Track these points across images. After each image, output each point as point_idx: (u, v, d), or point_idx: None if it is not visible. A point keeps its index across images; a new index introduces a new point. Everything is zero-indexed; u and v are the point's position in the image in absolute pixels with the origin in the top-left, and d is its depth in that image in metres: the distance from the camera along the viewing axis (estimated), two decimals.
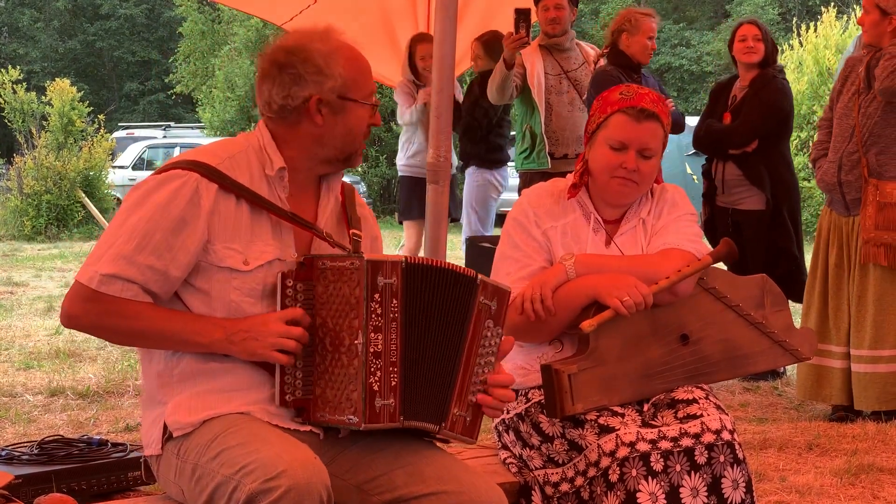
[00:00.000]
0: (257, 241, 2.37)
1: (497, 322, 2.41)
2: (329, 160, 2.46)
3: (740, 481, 2.62)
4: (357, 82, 2.42)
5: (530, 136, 6.15)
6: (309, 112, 2.41)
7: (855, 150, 4.99)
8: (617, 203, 2.90)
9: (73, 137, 16.92)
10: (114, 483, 3.38)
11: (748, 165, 5.79)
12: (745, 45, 5.81)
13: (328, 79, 2.39)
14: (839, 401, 5.10)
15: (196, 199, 2.32)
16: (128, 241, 2.30)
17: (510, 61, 5.91)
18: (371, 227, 2.62)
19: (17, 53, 32.36)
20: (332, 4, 6.41)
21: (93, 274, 2.29)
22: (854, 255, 5.04)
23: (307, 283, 2.34)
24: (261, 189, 2.40)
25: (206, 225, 2.32)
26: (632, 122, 2.81)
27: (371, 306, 2.26)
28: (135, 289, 2.30)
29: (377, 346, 2.26)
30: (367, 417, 2.25)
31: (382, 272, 2.27)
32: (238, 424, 2.28)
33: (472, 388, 2.39)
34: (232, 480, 2.15)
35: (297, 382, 2.34)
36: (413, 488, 2.31)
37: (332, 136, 2.43)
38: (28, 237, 15.74)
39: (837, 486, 4.06)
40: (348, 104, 2.42)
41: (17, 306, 8.92)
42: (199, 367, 2.36)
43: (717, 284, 2.91)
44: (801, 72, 15.50)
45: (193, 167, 2.34)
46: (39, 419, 5.14)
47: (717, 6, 31.11)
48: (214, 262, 2.34)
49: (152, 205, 2.31)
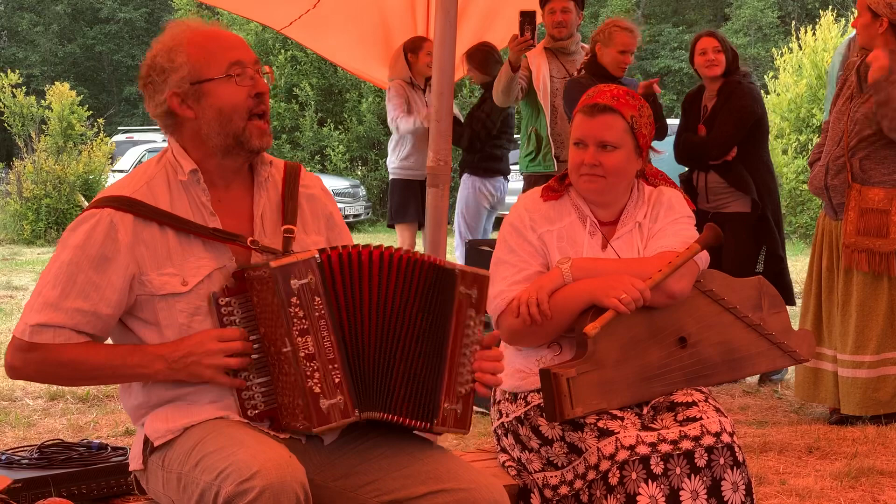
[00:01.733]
0: (190, 258, 2.35)
1: (479, 311, 2.40)
2: (225, 150, 2.40)
3: (740, 484, 2.62)
4: (207, 61, 2.36)
5: (535, 139, 6.15)
6: (176, 110, 2.39)
7: (841, 155, 5.00)
8: (593, 200, 2.91)
9: (73, 141, 16.90)
10: (113, 487, 3.37)
11: (731, 173, 5.77)
12: (706, 59, 5.80)
13: (174, 72, 2.37)
14: (834, 404, 5.12)
15: (112, 234, 2.31)
16: (52, 287, 2.32)
17: (515, 64, 5.91)
18: (323, 205, 2.56)
19: (17, 57, 32.35)
20: (330, 9, 6.41)
21: (24, 326, 2.32)
22: (840, 259, 5.06)
23: (242, 295, 2.33)
24: (181, 202, 2.37)
25: (129, 257, 2.32)
26: (586, 118, 2.85)
27: (290, 311, 2.24)
28: (66, 333, 2.31)
29: (308, 349, 2.24)
30: (315, 421, 2.24)
31: (294, 274, 2.25)
32: (216, 430, 2.29)
33: (461, 380, 2.38)
34: (213, 486, 2.16)
35: (257, 396, 2.34)
36: (411, 489, 2.31)
37: (207, 124, 2.38)
38: (27, 241, 15.73)
39: (837, 489, 4.06)
40: (205, 86, 2.36)
41: (16, 310, 8.91)
42: (173, 393, 2.37)
43: (715, 287, 2.91)
44: (799, 75, 15.49)
45: (106, 203, 2.34)
46: (39, 423, 5.14)
47: (716, 9, 31.12)
48: (154, 292, 2.33)
49: (71, 248, 2.32)
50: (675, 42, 28.49)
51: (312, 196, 2.54)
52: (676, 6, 31.57)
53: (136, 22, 35.04)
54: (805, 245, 13.32)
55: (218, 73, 2.36)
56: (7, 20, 34.66)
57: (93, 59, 35.39)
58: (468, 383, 2.40)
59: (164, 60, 2.37)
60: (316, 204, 2.54)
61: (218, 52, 2.37)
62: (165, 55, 2.38)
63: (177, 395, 2.37)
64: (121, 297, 2.33)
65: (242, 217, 2.43)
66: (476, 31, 6.89)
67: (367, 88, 21.10)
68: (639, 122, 2.87)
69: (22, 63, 31.00)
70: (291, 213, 2.45)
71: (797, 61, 15.80)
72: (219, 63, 2.36)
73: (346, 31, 6.87)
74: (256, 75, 2.39)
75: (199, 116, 2.38)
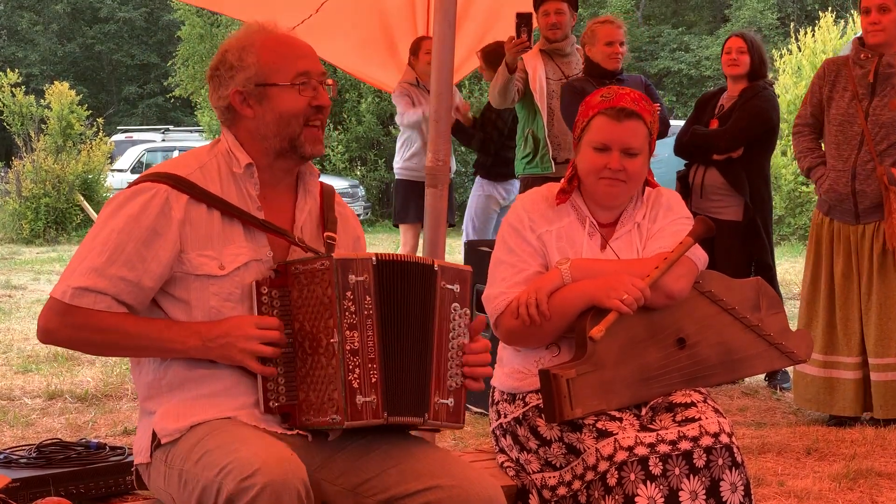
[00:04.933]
0: (230, 244, 2.38)
1: (463, 304, 2.42)
2: (278, 152, 2.45)
3: (739, 485, 2.62)
4: (275, 66, 2.41)
5: (532, 141, 6.15)
6: (237, 107, 2.43)
7: (869, 159, 4.92)
8: (608, 205, 2.91)
9: (72, 141, 16.90)
10: (112, 487, 3.37)
11: (730, 171, 5.76)
12: (729, 58, 5.86)
13: (242, 70, 2.41)
14: (853, 412, 5.03)
15: (167, 210, 2.34)
16: (100, 253, 2.32)
17: (512, 65, 5.91)
18: (353, 227, 2.64)
19: (16, 56, 32.34)
20: (332, 13, 6.43)
21: (65, 288, 2.32)
22: (867, 263, 4.97)
23: (282, 289, 2.36)
24: (230, 192, 2.42)
25: (177, 235, 2.35)
26: (612, 122, 2.82)
27: (344, 304, 2.27)
28: (107, 300, 2.32)
29: (354, 344, 2.28)
30: (349, 415, 2.26)
31: (353, 270, 2.29)
32: (220, 428, 2.30)
33: (451, 373, 2.40)
34: (214, 483, 2.17)
35: (281, 389, 2.35)
36: (407, 486, 2.32)
37: (265, 126, 2.43)
38: (26, 240, 15.73)
39: (836, 491, 4.06)
40: (269, 90, 2.41)
41: (15, 310, 8.92)
42: (187, 374, 2.38)
43: (713, 287, 2.91)
44: (799, 76, 15.51)
45: (163, 179, 2.37)
46: (38, 422, 5.14)
47: (715, 11, 31.14)
48: (190, 272, 2.36)
49: (123, 217, 2.34)
50: (675, 43, 28.51)
51: (345, 216, 2.62)
52: (676, 7, 31.59)
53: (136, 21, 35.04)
54: (804, 247, 13.30)
55: (284, 80, 2.41)
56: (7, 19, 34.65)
57: (92, 59, 35.40)
58: (458, 377, 2.42)
59: (234, 58, 2.42)
60: (347, 225, 2.61)
61: (289, 58, 2.42)
62: (236, 53, 2.42)
63: (192, 376, 2.37)
64: (164, 271, 2.35)
65: (284, 218, 2.48)
66: (477, 33, 6.90)
67: (366, 89, 21.10)
68: (653, 128, 2.88)
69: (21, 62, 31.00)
70: (332, 223, 2.54)
71: (796, 63, 15.83)
72: (287, 70, 2.41)
73: (348, 35, 6.90)
74: (320, 87, 2.44)
75: (257, 116, 2.43)
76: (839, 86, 5.05)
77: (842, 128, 5.02)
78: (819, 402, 5.12)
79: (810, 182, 5.68)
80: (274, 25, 2.47)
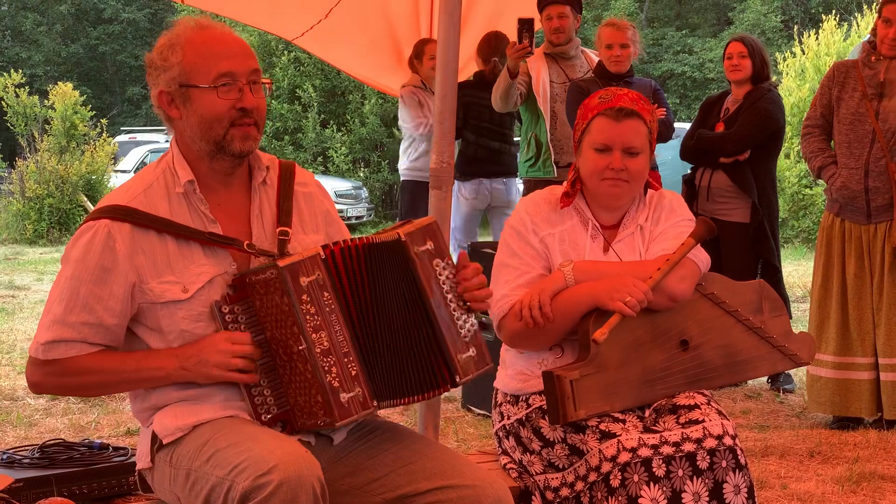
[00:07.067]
0: (191, 264, 2.35)
1: (442, 256, 2.39)
2: (209, 154, 2.38)
3: (742, 487, 2.62)
4: (196, 67, 2.32)
5: (535, 145, 6.14)
6: (165, 109, 2.38)
7: (882, 156, 4.93)
8: (612, 205, 2.91)
9: (76, 141, 16.91)
10: (115, 487, 3.38)
11: (738, 173, 5.75)
12: (730, 63, 5.88)
13: (166, 71, 2.35)
14: (869, 413, 5.02)
15: (110, 244, 2.31)
16: (59, 303, 2.34)
17: (514, 70, 5.90)
18: (320, 202, 2.55)
19: (20, 57, 32.36)
20: (340, 19, 6.44)
21: (37, 346, 2.35)
22: (878, 262, 4.96)
23: (244, 302, 2.34)
24: (181, 209, 2.36)
25: (128, 266, 2.32)
26: (611, 122, 2.82)
27: (303, 308, 2.25)
28: (77, 346, 2.34)
29: (323, 345, 2.26)
30: (338, 415, 2.25)
31: (303, 272, 2.26)
32: (228, 427, 2.30)
33: (460, 324, 2.38)
34: (226, 481, 2.16)
35: (269, 400, 2.35)
36: (417, 485, 2.32)
37: (191, 128, 2.37)
38: (30, 241, 15.75)
39: (839, 494, 4.06)
40: (191, 91, 2.34)
41: (18, 310, 8.93)
42: (181, 395, 2.38)
43: (716, 290, 2.91)
44: (802, 79, 15.49)
45: (103, 214, 2.34)
46: (41, 423, 5.14)
47: (719, 13, 31.12)
48: (155, 300, 2.34)
49: (72, 263, 2.34)
50: (678, 46, 28.50)
51: (310, 195, 2.54)
52: (679, 10, 31.58)
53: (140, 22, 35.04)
54: (808, 249, 13.31)
55: (204, 82, 2.33)
56: (11, 20, 34.68)
57: (96, 60, 35.40)
58: (468, 323, 2.40)
59: (159, 57, 2.36)
60: (313, 202, 2.54)
61: (211, 59, 2.33)
62: (161, 52, 2.37)
63: (186, 396, 2.37)
64: (123, 306, 2.34)
65: (242, 220, 2.43)
66: (480, 35, 6.89)
67: (369, 90, 21.10)
68: (653, 127, 2.88)
69: (25, 63, 31.02)
70: (286, 214, 2.45)
71: (800, 65, 15.81)
72: (208, 72, 2.33)
73: (355, 41, 6.92)
74: (246, 88, 2.34)
75: (183, 118, 2.37)
76: (848, 86, 5.05)
77: (852, 126, 5.02)
78: (833, 404, 5.08)
79: (814, 185, 5.68)
80: (208, 22, 2.38)
